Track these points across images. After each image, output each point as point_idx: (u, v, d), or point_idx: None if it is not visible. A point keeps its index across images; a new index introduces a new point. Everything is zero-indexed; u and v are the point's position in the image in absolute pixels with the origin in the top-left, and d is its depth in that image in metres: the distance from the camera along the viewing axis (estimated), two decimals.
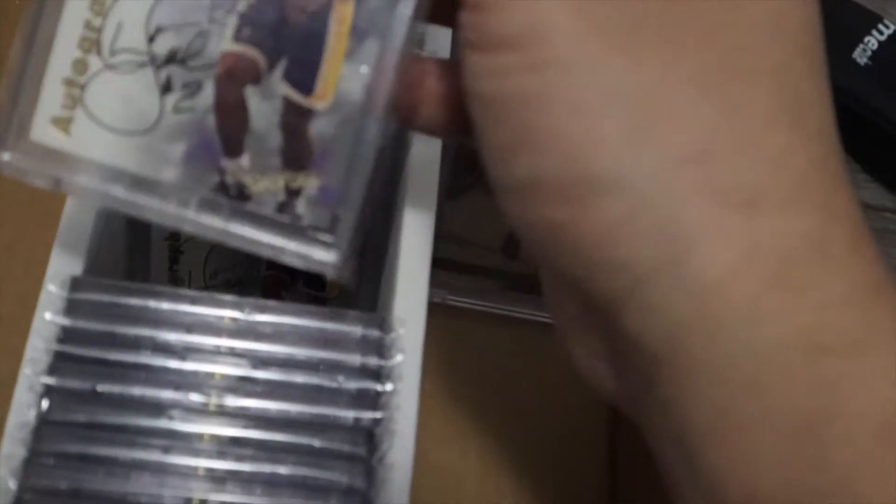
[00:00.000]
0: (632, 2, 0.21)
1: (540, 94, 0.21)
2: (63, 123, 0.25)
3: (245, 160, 0.25)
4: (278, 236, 0.25)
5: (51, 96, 0.25)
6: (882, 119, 0.55)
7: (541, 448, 0.41)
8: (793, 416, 0.20)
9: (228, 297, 0.26)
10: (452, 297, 0.42)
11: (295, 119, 0.25)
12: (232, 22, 0.24)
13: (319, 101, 0.25)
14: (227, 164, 0.25)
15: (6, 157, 0.25)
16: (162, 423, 0.24)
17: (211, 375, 0.25)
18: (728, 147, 0.21)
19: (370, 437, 0.26)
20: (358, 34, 0.25)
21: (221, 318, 0.26)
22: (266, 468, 0.24)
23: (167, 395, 0.24)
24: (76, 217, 0.28)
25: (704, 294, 0.21)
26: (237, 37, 0.24)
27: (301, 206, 0.25)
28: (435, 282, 0.36)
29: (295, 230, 0.25)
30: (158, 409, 0.24)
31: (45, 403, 0.24)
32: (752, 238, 0.21)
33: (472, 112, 0.23)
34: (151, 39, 0.25)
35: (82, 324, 0.25)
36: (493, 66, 0.22)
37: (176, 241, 0.33)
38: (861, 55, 0.55)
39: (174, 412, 0.24)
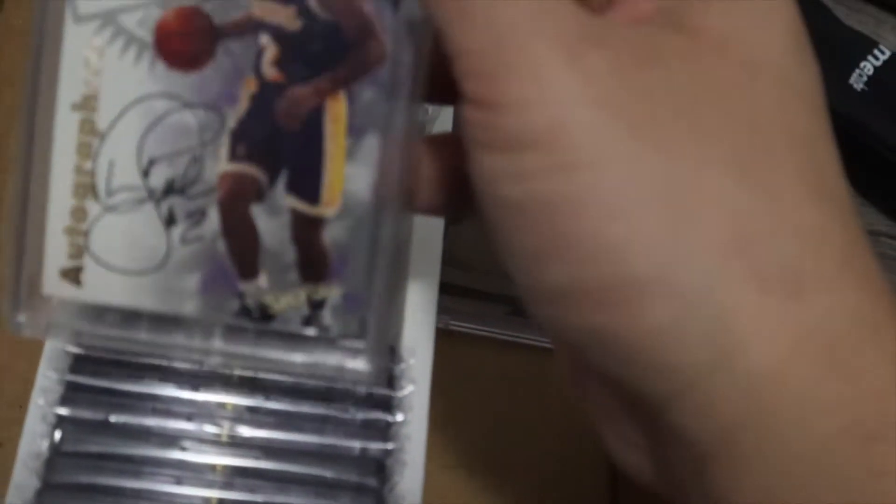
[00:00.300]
0: (651, 85, 0.20)
1: (571, 197, 0.20)
2: (73, 274, 0.24)
3: (263, 280, 0.24)
4: (309, 352, 0.24)
5: (55, 249, 0.24)
6: (878, 144, 0.55)
7: (543, 472, 0.40)
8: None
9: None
10: (455, 323, 0.41)
11: (306, 230, 0.24)
12: (224, 142, 0.23)
13: (328, 208, 0.24)
14: (245, 287, 0.24)
15: (21, 318, 0.24)
16: (175, 453, 0.24)
17: (223, 406, 0.25)
18: (767, 232, 0.20)
19: (381, 467, 0.25)
20: (356, 131, 0.23)
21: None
22: (278, 499, 0.24)
23: (180, 425, 0.25)
24: None
25: (758, 389, 0.19)
26: (233, 156, 0.23)
27: (327, 317, 0.24)
28: (438, 307, 0.36)
29: (325, 342, 0.24)
30: (171, 439, 0.24)
31: (57, 434, 0.24)
32: (802, 323, 0.19)
33: (488, 216, 0.22)
34: (146, 173, 0.24)
35: (94, 353, 0.25)
36: (514, 170, 0.20)
37: None
38: (857, 80, 0.56)
39: (187, 442, 0.24)
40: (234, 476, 0.24)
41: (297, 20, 0.23)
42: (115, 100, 0.23)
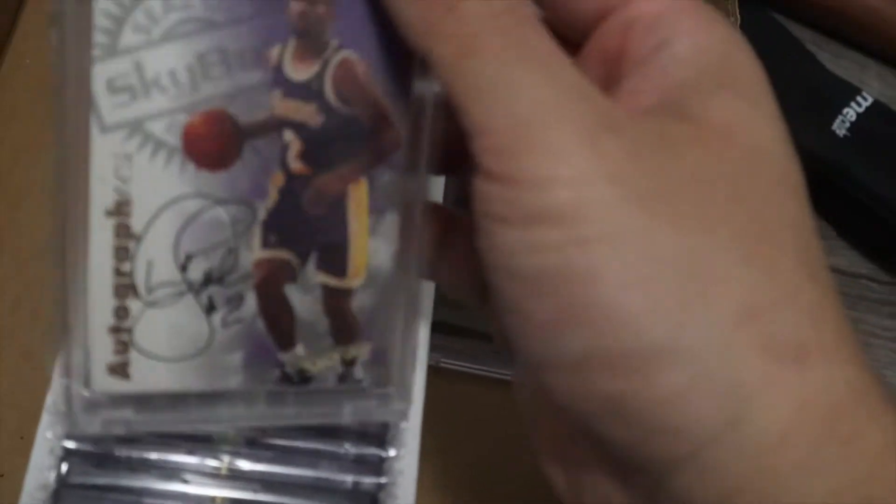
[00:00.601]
0: (663, 167, 0.22)
1: (587, 269, 0.21)
2: (120, 369, 0.25)
3: (300, 349, 0.26)
4: (343, 404, 0.27)
5: (101, 348, 0.25)
6: (859, 189, 0.56)
7: None
8: None
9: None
10: (446, 360, 0.43)
11: (336, 301, 0.26)
12: (256, 232, 0.25)
13: (354, 280, 0.26)
14: (284, 357, 0.26)
15: (78, 419, 0.25)
16: (176, 485, 0.26)
17: (224, 439, 0.27)
18: (771, 305, 0.21)
19: (374, 500, 0.28)
20: (377, 210, 0.26)
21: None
22: None
23: (182, 458, 0.26)
24: None
25: (762, 452, 0.21)
26: (265, 244, 0.25)
27: (359, 372, 0.27)
28: (430, 345, 0.38)
29: (358, 393, 0.27)
30: (173, 472, 0.26)
31: (64, 467, 0.26)
32: (805, 391, 0.21)
33: (501, 287, 0.23)
34: (184, 268, 0.25)
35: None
36: (531, 243, 0.22)
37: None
38: (840, 126, 0.56)
39: (188, 475, 0.26)
40: None
41: (318, 116, 0.25)
42: (149, 203, 0.25)
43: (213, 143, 0.25)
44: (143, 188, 0.25)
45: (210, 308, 0.26)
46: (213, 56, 0.24)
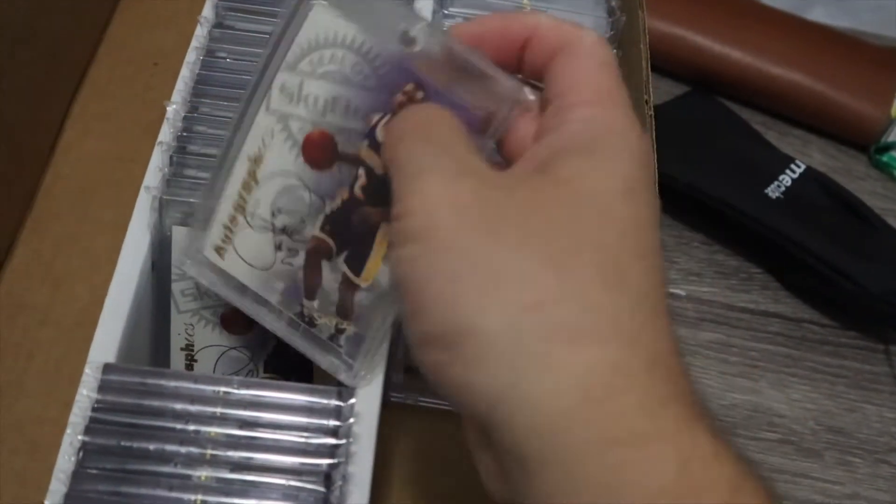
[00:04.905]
0: (500, 201, 0.30)
1: (429, 271, 0.30)
2: (220, 251, 0.39)
3: (315, 304, 0.38)
4: (324, 354, 0.39)
5: (216, 233, 0.39)
6: (791, 244, 0.65)
7: None
8: (594, 490, 0.27)
9: (222, 376, 0.38)
10: (423, 399, 0.48)
11: (347, 287, 0.37)
12: (321, 218, 0.37)
13: (364, 282, 0.37)
14: (305, 302, 0.38)
15: (188, 265, 0.40)
16: (169, 468, 0.34)
17: (208, 433, 0.35)
18: (555, 300, 0.28)
19: (328, 477, 0.35)
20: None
21: (217, 391, 0.36)
22: (246, 501, 0.34)
23: (174, 448, 0.35)
24: (113, 312, 0.39)
25: (538, 410, 0.28)
26: (321, 229, 0.37)
27: (342, 341, 0.38)
28: (409, 386, 0.45)
29: (336, 354, 0.38)
30: (167, 458, 0.35)
31: (81, 455, 0.34)
32: (571, 365, 0.28)
33: (394, 288, 0.32)
34: (273, 215, 0.38)
35: (110, 398, 0.35)
36: (399, 257, 0.31)
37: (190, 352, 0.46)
38: (774, 190, 0.67)
39: (179, 460, 0.35)
40: (215, 482, 0.34)
41: (383, 168, 0.36)
42: (272, 165, 0.38)
43: (319, 151, 0.37)
44: (272, 155, 0.38)
45: (278, 247, 0.38)
46: (342, 101, 0.36)
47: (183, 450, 0.34)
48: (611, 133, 0.32)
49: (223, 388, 0.35)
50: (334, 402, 0.37)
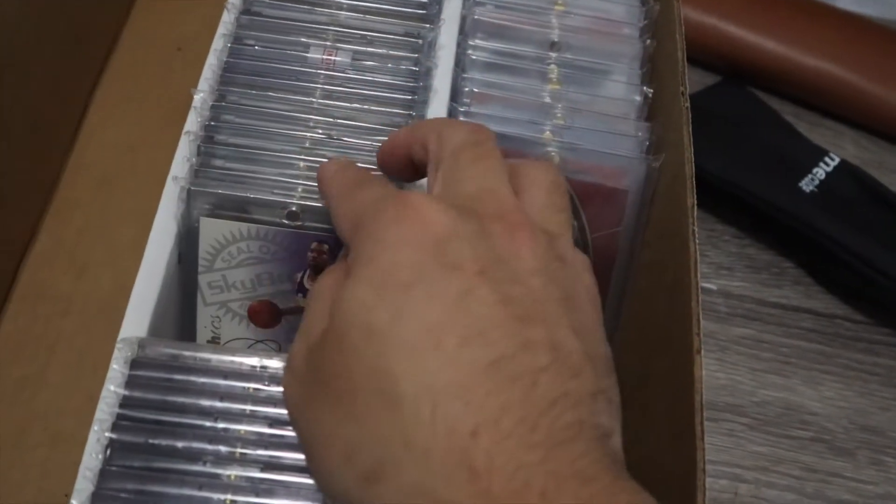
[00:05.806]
0: (322, 380, 0.29)
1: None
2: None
3: None
4: None
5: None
6: (824, 238, 0.64)
7: None
8: None
9: (252, 370, 0.35)
10: None
11: None
12: None
13: None
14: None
15: None
16: (198, 466, 0.33)
17: (237, 431, 0.34)
18: (464, 404, 0.27)
19: None
20: None
21: (247, 388, 0.35)
22: (276, 501, 0.33)
23: (203, 446, 0.34)
24: (139, 304, 0.38)
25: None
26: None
27: None
28: None
29: None
30: (196, 456, 0.33)
31: (108, 452, 0.33)
32: (470, 456, 0.26)
33: None
34: None
35: (138, 394, 0.34)
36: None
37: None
38: (808, 184, 0.66)
39: (208, 459, 0.33)
40: (245, 482, 0.33)
41: None
42: (229, 337, 0.42)
43: (266, 316, 0.42)
44: (226, 332, 0.42)
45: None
46: (265, 276, 0.41)
47: (212, 448, 0.33)
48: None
49: (253, 385, 0.35)
50: None
